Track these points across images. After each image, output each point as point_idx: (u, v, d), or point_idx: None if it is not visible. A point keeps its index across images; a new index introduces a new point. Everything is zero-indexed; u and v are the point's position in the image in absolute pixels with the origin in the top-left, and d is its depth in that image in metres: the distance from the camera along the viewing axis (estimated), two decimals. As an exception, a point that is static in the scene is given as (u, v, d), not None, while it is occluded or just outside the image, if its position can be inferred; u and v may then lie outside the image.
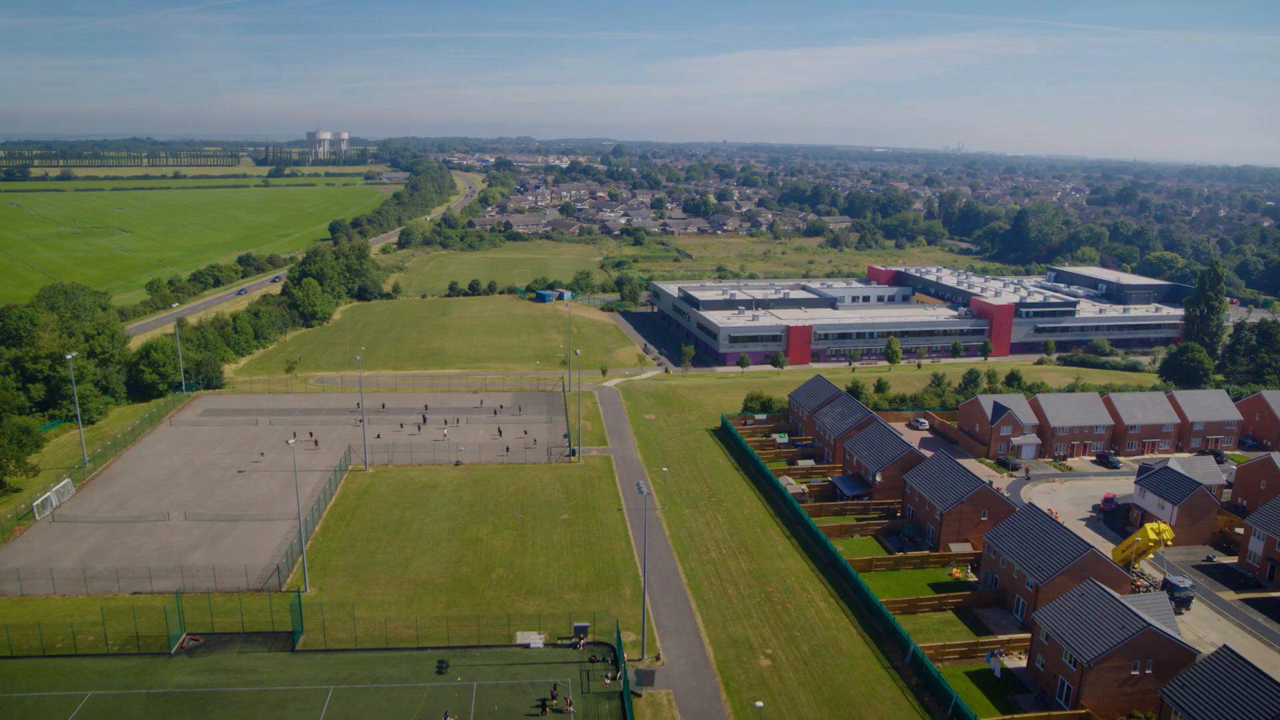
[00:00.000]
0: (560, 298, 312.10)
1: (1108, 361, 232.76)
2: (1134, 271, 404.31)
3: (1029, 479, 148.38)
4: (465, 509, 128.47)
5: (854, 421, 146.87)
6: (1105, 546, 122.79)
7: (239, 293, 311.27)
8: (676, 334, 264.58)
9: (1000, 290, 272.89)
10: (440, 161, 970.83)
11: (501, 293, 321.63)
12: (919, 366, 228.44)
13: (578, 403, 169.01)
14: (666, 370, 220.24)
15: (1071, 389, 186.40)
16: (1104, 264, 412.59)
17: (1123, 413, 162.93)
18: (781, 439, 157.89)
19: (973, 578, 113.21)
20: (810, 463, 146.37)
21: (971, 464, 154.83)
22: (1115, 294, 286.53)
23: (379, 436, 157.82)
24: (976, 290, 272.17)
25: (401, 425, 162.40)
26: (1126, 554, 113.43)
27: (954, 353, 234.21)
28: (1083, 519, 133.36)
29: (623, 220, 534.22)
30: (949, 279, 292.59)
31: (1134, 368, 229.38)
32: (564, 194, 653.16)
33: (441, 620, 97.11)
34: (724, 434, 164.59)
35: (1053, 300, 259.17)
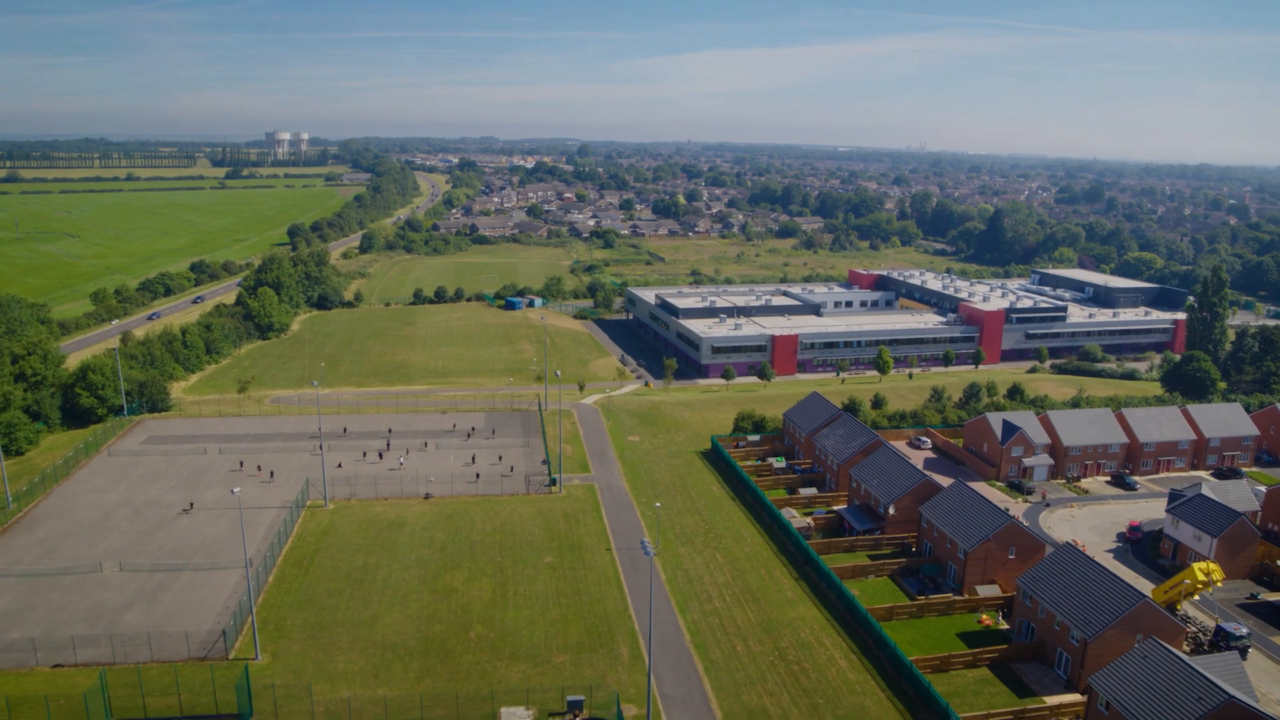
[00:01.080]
0: (531, 305, 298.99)
1: (1104, 370, 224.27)
2: (1113, 273, 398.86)
3: (1047, 505, 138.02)
4: (437, 552, 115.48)
5: (859, 445, 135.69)
6: (1140, 583, 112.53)
7: (195, 300, 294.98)
8: (654, 343, 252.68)
9: (989, 295, 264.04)
10: (403, 162, 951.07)
11: (469, 300, 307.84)
12: (910, 377, 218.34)
13: (558, 424, 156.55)
14: (646, 384, 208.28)
15: (1076, 403, 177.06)
16: (1082, 265, 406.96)
17: (1137, 430, 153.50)
18: (779, 463, 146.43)
19: (1004, 625, 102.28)
20: (812, 491, 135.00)
21: (981, 487, 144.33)
22: (1102, 297, 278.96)
23: (340, 466, 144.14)
24: (964, 295, 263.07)
25: (364, 455, 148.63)
26: (1170, 595, 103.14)
27: (945, 361, 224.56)
28: (1109, 550, 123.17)
29: (591, 222, 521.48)
30: (934, 283, 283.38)
31: (1131, 376, 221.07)
32: (530, 195, 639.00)
33: (414, 699, 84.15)
34: (715, 457, 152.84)
35: (1043, 305, 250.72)
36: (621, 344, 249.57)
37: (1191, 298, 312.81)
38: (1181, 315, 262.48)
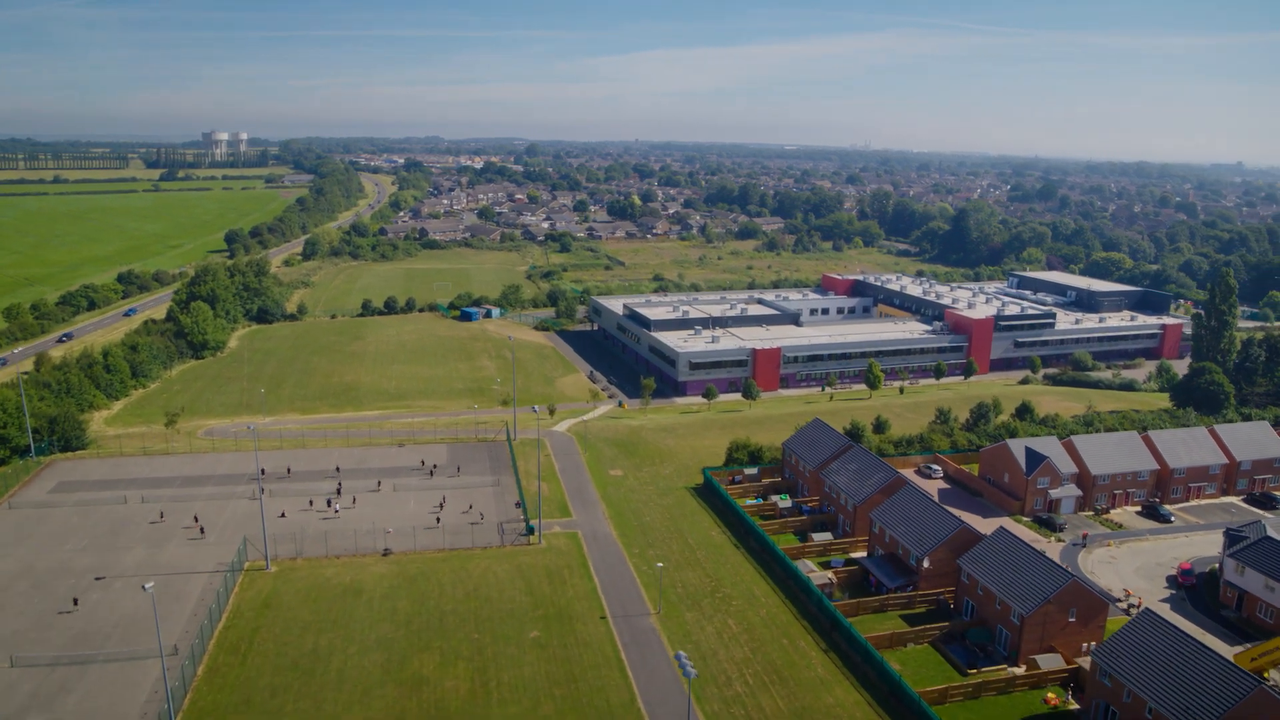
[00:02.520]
0: (488, 315, 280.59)
1: (1101, 380, 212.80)
2: (1082, 273, 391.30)
3: (1084, 544, 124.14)
4: (401, 628, 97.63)
5: (877, 483, 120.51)
6: (1212, 643, 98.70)
7: (127, 314, 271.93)
8: (624, 357, 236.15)
9: (973, 302, 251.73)
10: (346, 163, 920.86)
11: (421, 310, 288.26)
12: (901, 391, 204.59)
13: (530, 457, 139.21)
14: (620, 404, 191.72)
15: (1090, 422, 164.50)
16: (1050, 266, 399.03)
17: (1166, 455, 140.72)
18: (783, 502, 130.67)
19: (1074, 705, 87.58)
20: (827, 536, 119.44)
21: (1007, 524, 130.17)
22: (1085, 301, 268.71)
23: (283, 516, 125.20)
24: (947, 301, 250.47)
25: (311, 503, 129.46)
26: (1259, 663, 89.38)
27: (937, 374, 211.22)
28: (1163, 599, 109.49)
29: (545, 225, 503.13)
30: (914, 288, 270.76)
31: (1130, 386, 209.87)
32: (480, 196, 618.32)
33: None
34: (709, 494, 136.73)
35: (1031, 312, 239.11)
36: (589, 358, 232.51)
37: (1184, 301, 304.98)
38: (1169, 320, 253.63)
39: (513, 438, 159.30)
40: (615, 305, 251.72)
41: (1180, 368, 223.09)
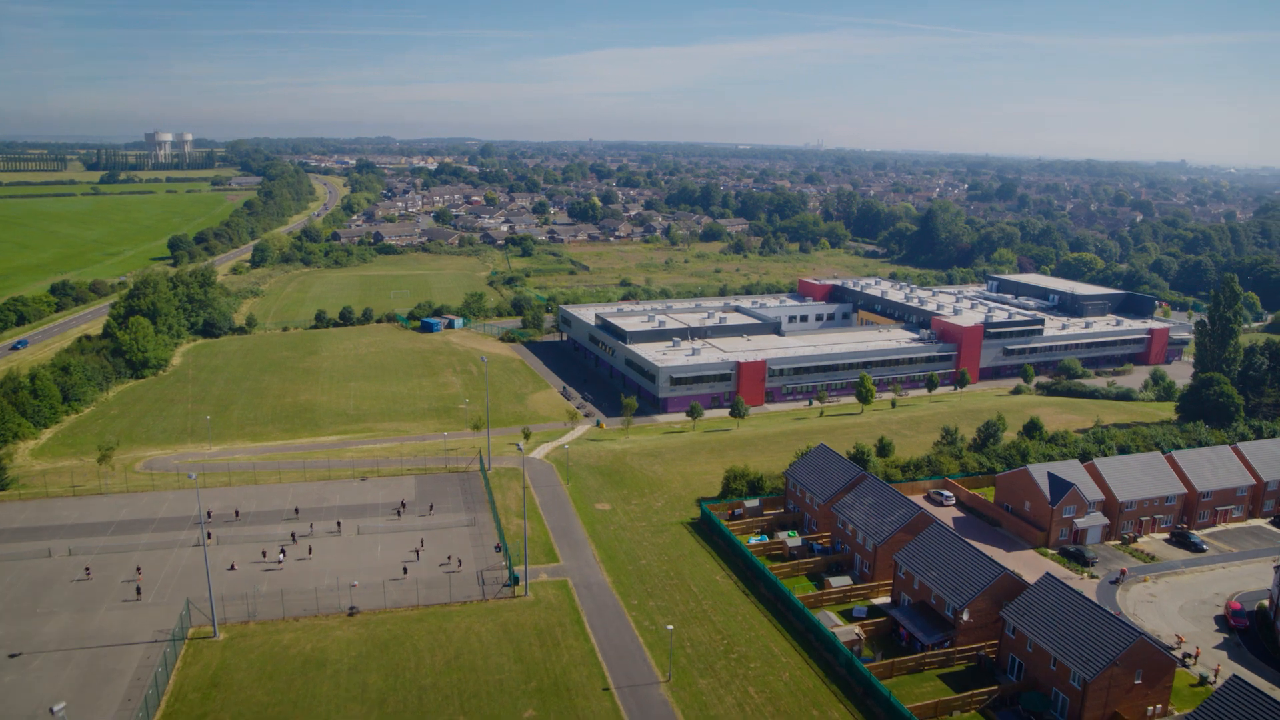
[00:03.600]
0: (450, 326, 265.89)
1: (1097, 390, 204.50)
2: (1053, 274, 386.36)
3: (1120, 580, 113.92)
4: (374, 709, 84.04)
5: (899, 521, 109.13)
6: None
7: (85, 322, 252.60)
8: (597, 370, 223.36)
9: (959, 308, 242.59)
10: (296, 164, 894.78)
11: (379, 321, 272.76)
12: (893, 405, 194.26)
13: (507, 490, 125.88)
14: (599, 424, 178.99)
15: (1101, 439, 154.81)
16: (1021, 267, 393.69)
17: (1193, 477, 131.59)
18: (792, 539, 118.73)
19: (1151, 786, 76.73)
20: (845, 581, 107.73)
21: (1030, 557, 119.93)
22: (1069, 305, 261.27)
23: (233, 569, 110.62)
24: (931, 307, 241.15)
25: (265, 553, 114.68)
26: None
27: (929, 385, 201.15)
28: (1217, 646, 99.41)
29: (505, 227, 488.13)
30: (895, 294, 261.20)
31: (1127, 396, 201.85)
32: (436, 199, 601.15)
33: None
34: (707, 530, 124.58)
35: (1019, 319, 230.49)
36: (560, 372, 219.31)
37: (1161, 303, 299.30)
38: (1155, 324, 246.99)
39: (487, 467, 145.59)
40: (586, 315, 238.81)
41: (1174, 373, 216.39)
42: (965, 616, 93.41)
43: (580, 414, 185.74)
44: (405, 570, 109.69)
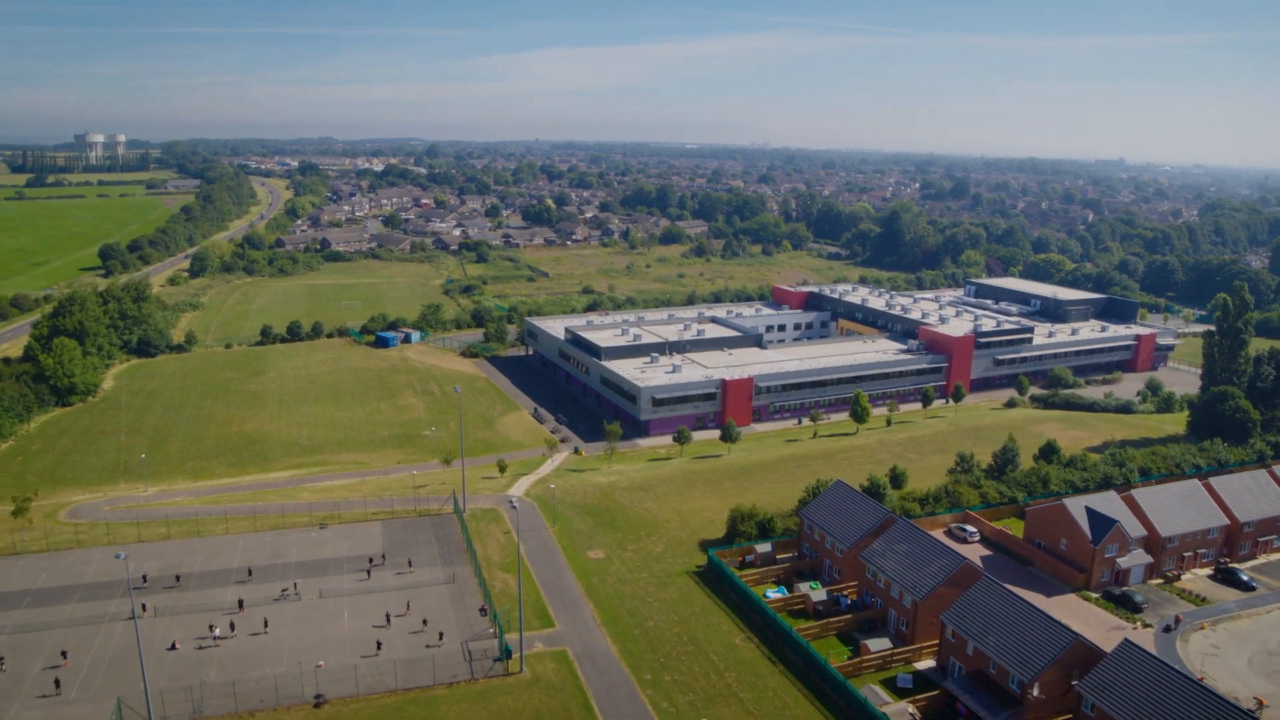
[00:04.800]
0: (407, 340, 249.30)
1: (1096, 403, 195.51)
2: (1021, 276, 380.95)
3: (1176, 629, 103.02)
4: (350, 838, 69.22)
5: (941, 572, 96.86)
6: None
7: (4, 341, 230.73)
8: (568, 388, 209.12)
9: (945, 315, 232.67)
10: (236, 167, 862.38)
11: (330, 335, 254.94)
12: (889, 423, 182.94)
13: (486, 537, 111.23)
14: (577, 451, 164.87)
15: (1122, 464, 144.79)
16: (989, 269, 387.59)
17: (1234, 506, 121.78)
18: (815, 592, 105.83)
19: None
20: (884, 644, 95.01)
21: (1070, 601, 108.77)
22: (1051, 311, 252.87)
23: (174, 648, 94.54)
24: (916, 315, 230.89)
25: (211, 627, 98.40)
26: None
27: (924, 400, 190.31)
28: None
29: (457, 232, 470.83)
30: (875, 301, 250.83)
31: (1127, 409, 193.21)
32: (385, 202, 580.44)
33: None
34: (717, 582, 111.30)
35: (1008, 327, 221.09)
36: (529, 390, 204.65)
37: (1135, 311, 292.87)
38: (1142, 329, 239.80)
39: (462, 508, 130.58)
40: (554, 328, 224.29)
41: (1162, 381, 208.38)
42: (1036, 692, 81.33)
43: (554, 437, 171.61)
44: (379, 645, 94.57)
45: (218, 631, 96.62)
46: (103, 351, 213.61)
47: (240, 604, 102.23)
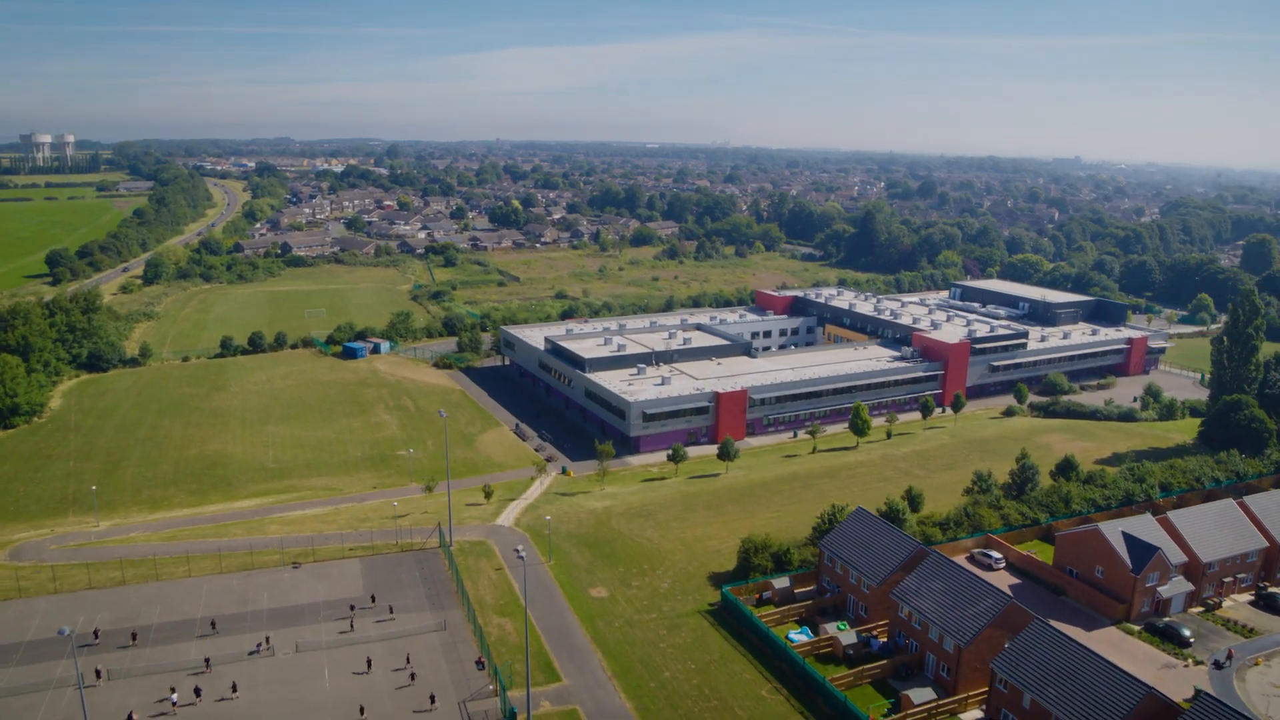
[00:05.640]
0: (376, 351, 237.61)
1: (1098, 411, 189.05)
2: (999, 276, 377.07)
3: (1229, 664, 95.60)
4: None
5: (986, 613, 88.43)
6: None
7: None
8: (549, 401, 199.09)
9: (937, 320, 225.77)
10: (191, 168, 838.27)
11: (294, 346, 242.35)
12: (889, 436, 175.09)
13: (476, 573, 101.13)
14: (565, 471, 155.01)
15: (1142, 479, 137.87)
16: (967, 270, 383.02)
17: (1271, 527, 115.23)
18: (844, 634, 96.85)
19: None
20: (927, 695, 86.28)
21: (1114, 637, 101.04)
22: (1041, 314, 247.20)
23: (131, 718, 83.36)
24: (906, 320, 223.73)
25: (173, 691, 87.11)
26: None
27: (924, 411, 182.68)
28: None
29: (423, 235, 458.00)
30: (864, 306, 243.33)
31: (1130, 417, 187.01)
32: (346, 204, 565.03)
33: None
34: (733, 622, 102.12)
35: (1003, 332, 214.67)
36: (508, 404, 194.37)
37: (1124, 314, 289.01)
38: (1134, 332, 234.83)
39: (448, 541, 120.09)
40: (533, 337, 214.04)
41: (1162, 384, 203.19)
42: (1110, 757, 73.01)
43: (535, 454, 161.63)
44: (363, 711, 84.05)
45: (176, 697, 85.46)
46: (49, 368, 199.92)
47: (207, 663, 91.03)
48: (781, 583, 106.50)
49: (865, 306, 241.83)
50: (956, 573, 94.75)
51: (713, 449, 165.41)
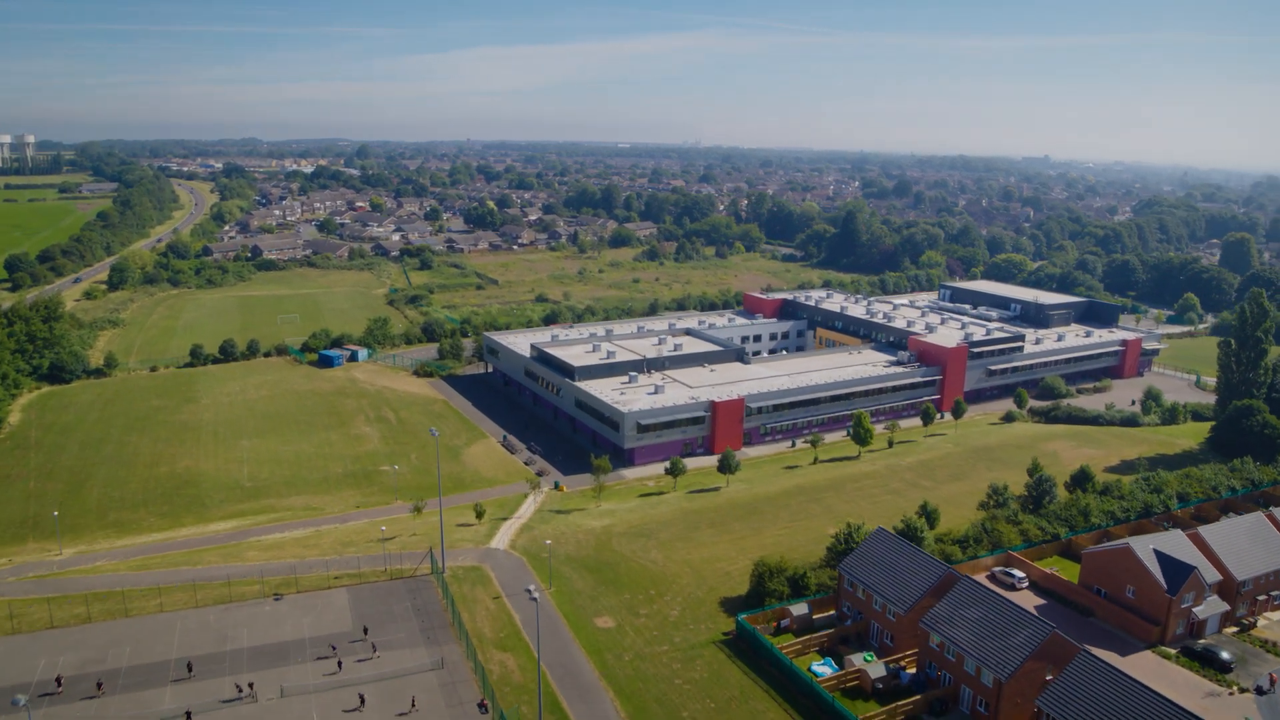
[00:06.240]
0: (353, 358, 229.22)
1: (1101, 416, 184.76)
2: (983, 277, 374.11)
3: (1272, 690, 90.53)
4: None
5: (1028, 644, 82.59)
6: None
7: None
8: (537, 410, 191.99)
9: (932, 324, 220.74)
10: (156, 169, 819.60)
11: (268, 354, 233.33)
12: (891, 444, 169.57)
13: (472, 601, 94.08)
14: (558, 486, 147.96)
15: (1159, 489, 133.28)
16: (950, 270, 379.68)
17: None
18: (872, 666, 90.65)
19: None
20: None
21: (1150, 662, 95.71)
22: (1033, 315, 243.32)
23: (99, 779, 75.57)
24: (900, 324, 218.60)
25: (148, 748, 79.67)
26: None
27: (925, 418, 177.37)
28: None
29: (397, 236, 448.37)
30: (855, 309, 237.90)
31: (1132, 421, 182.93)
32: (318, 205, 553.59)
33: None
34: (750, 653, 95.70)
35: (999, 335, 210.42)
36: (494, 414, 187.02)
37: (1116, 315, 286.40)
38: (1128, 334, 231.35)
39: (441, 569, 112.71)
40: (517, 343, 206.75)
41: (1158, 386, 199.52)
42: (1176, 806, 67.30)
43: (531, 471, 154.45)
44: (359, 764, 76.96)
45: (155, 751, 77.92)
46: (8, 380, 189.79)
47: (188, 716, 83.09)
48: (800, 609, 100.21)
49: (857, 309, 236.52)
50: (990, 599, 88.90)
51: (709, 460, 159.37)
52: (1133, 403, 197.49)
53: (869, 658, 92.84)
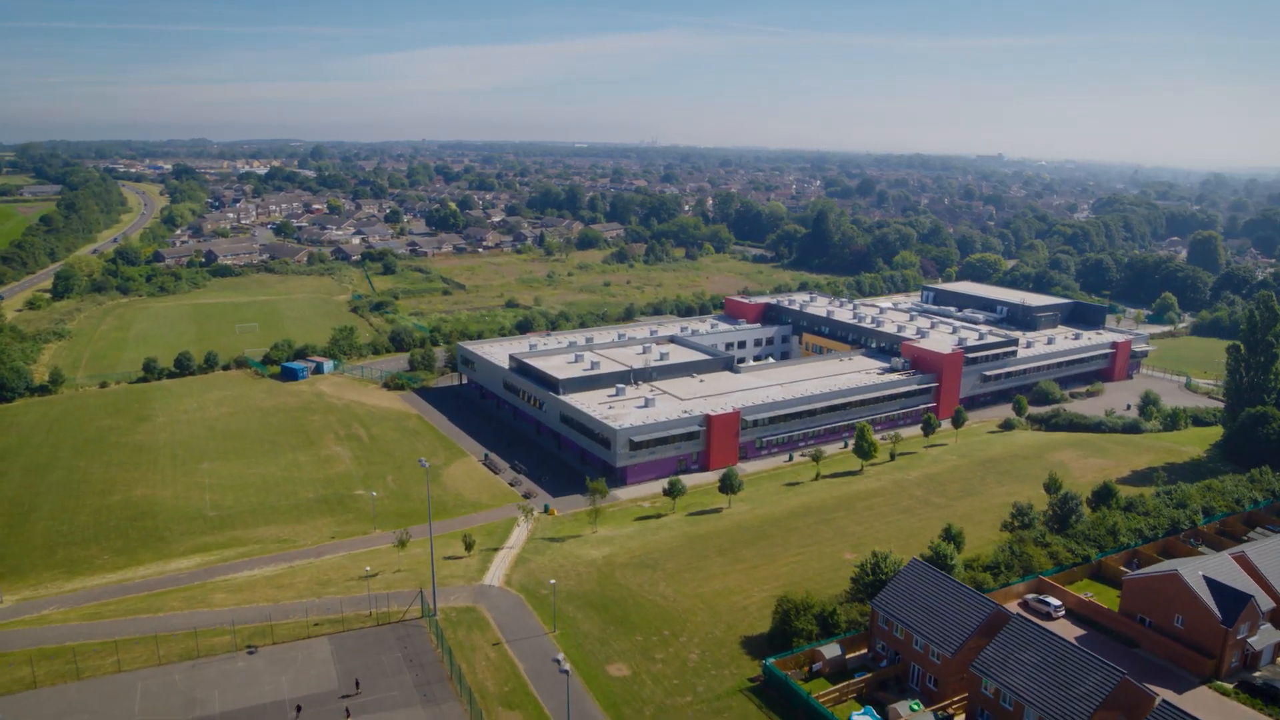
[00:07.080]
0: (318, 370, 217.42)
1: (1103, 423, 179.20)
2: (959, 277, 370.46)
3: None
4: None
5: (1097, 692, 74.94)
6: None
7: None
8: (516, 424, 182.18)
9: (924, 329, 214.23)
10: (102, 171, 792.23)
11: (227, 367, 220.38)
12: (893, 457, 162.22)
13: (470, 650, 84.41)
14: (547, 509, 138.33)
15: (1181, 502, 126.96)
16: (925, 271, 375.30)
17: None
18: (918, 715, 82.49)
19: None
20: (1038, 799, 72.39)
21: (1206, 698, 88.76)
22: (1020, 317, 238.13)
23: None
24: (890, 328, 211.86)
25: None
26: None
27: (926, 428, 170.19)
28: None
29: (357, 240, 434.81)
30: (842, 313, 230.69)
31: (1134, 428, 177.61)
32: (273, 208, 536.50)
33: None
34: (784, 702, 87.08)
35: (993, 340, 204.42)
36: (472, 430, 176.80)
37: (1103, 316, 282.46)
38: (1118, 336, 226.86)
39: (432, 611, 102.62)
40: (494, 354, 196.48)
41: (1136, 389, 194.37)
42: None
43: (518, 493, 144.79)
44: None
45: None
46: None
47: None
48: (832, 651, 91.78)
49: (843, 313, 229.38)
50: (1046, 640, 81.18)
51: (705, 478, 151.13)
52: (1128, 407, 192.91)
53: (915, 706, 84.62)
